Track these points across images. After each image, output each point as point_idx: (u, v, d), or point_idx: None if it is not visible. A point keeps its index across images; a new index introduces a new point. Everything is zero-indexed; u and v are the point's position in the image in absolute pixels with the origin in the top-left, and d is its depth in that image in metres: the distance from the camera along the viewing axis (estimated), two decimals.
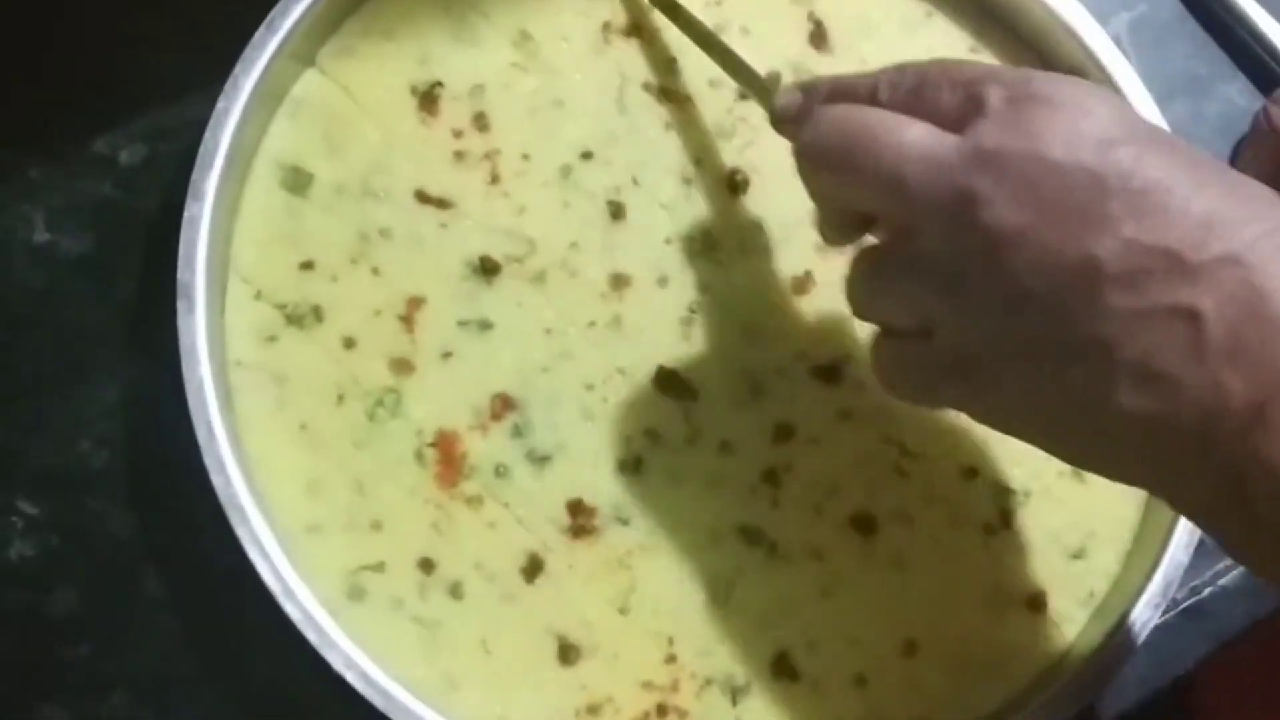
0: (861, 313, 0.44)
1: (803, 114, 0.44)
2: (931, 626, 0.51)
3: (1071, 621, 0.52)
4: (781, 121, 0.46)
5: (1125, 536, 0.53)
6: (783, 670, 0.50)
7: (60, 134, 0.53)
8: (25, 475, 0.50)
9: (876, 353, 0.44)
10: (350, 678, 0.46)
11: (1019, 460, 0.53)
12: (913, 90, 0.40)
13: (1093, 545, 0.53)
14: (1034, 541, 0.53)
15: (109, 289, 0.52)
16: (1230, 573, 0.54)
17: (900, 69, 0.42)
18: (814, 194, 0.44)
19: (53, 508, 0.50)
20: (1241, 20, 0.59)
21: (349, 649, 0.46)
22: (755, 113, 0.54)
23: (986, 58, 0.57)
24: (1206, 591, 0.55)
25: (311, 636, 0.46)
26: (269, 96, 0.51)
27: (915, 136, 0.39)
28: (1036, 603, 0.52)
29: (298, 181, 0.52)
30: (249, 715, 0.50)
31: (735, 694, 0.50)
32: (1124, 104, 0.40)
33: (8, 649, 0.49)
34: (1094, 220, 0.36)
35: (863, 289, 0.43)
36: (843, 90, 0.43)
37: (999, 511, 0.52)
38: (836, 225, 0.45)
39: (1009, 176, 0.36)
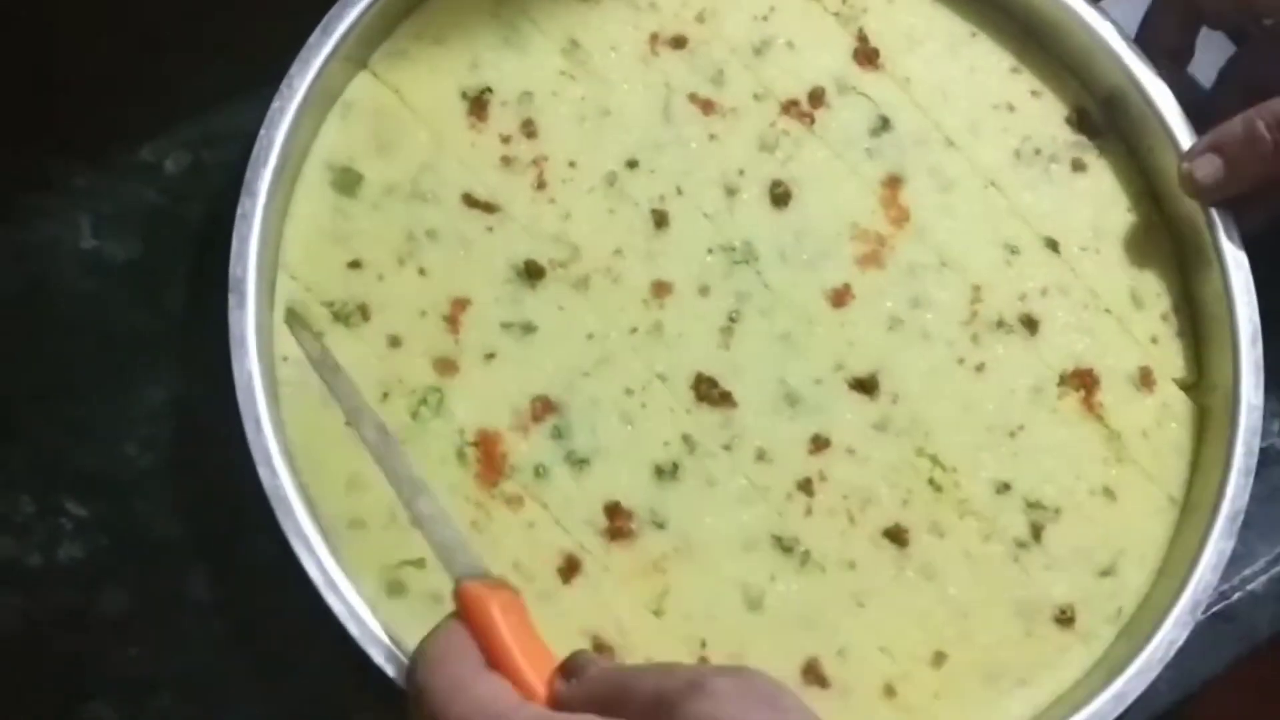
0: None
1: None
2: (961, 638, 0.52)
3: (1099, 638, 0.53)
4: None
5: (1154, 555, 0.54)
6: (812, 677, 0.51)
7: (106, 142, 0.54)
8: (73, 477, 0.51)
9: None
10: (391, 671, 0.46)
11: (1050, 477, 0.53)
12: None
13: (1122, 563, 0.53)
14: (1064, 558, 0.53)
15: (155, 294, 0.53)
16: (1259, 578, 0.55)
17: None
18: None
19: (101, 509, 0.51)
20: None
21: (390, 644, 0.47)
22: (797, 126, 0.55)
23: (1027, 78, 0.57)
24: (1235, 596, 0.55)
25: (353, 630, 0.47)
26: (322, 98, 0.52)
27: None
28: (1065, 618, 0.52)
29: (347, 182, 0.52)
30: (294, 713, 0.50)
31: None
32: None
33: (57, 648, 0.50)
34: None
35: None
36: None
37: (1030, 526, 0.53)
38: None
39: None
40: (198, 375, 0.51)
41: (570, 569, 0.50)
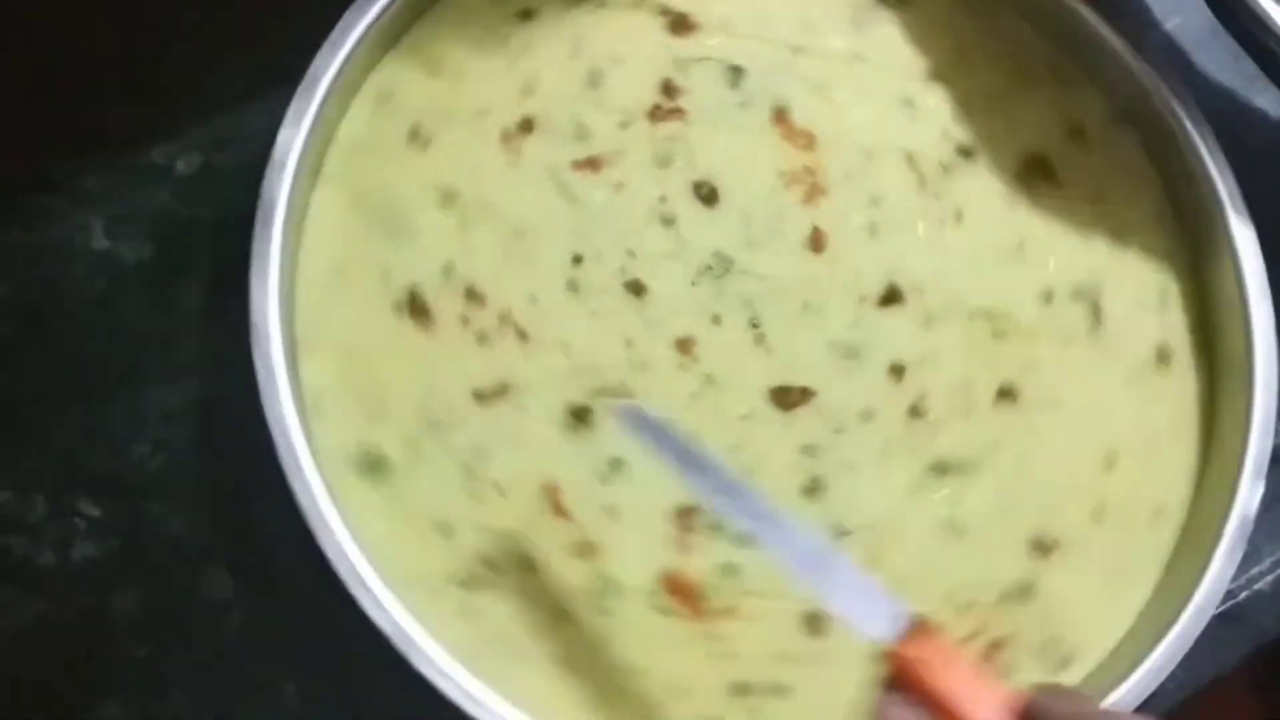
0: None
1: None
2: None
3: None
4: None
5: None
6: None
7: (118, 144, 0.54)
8: (86, 478, 0.51)
9: None
10: (431, 675, 0.46)
11: None
12: None
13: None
14: None
15: (167, 296, 0.53)
16: (1265, 578, 0.56)
17: None
18: None
19: (114, 510, 0.50)
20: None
21: (430, 648, 0.46)
22: (674, 125, 0.55)
23: None
24: (1243, 595, 0.56)
25: (383, 625, 0.46)
26: (347, 90, 0.52)
27: None
28: None
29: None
30: (308, 713, 0.50)
31: None
32: None
33: (70, 648, 0.49)
34: None
35: None
36: None
37: None
38: None
39: None
40: (210, 376, 0.51)
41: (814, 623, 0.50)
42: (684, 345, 0.53)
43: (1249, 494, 0.52)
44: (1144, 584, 0.53)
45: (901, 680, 0.39)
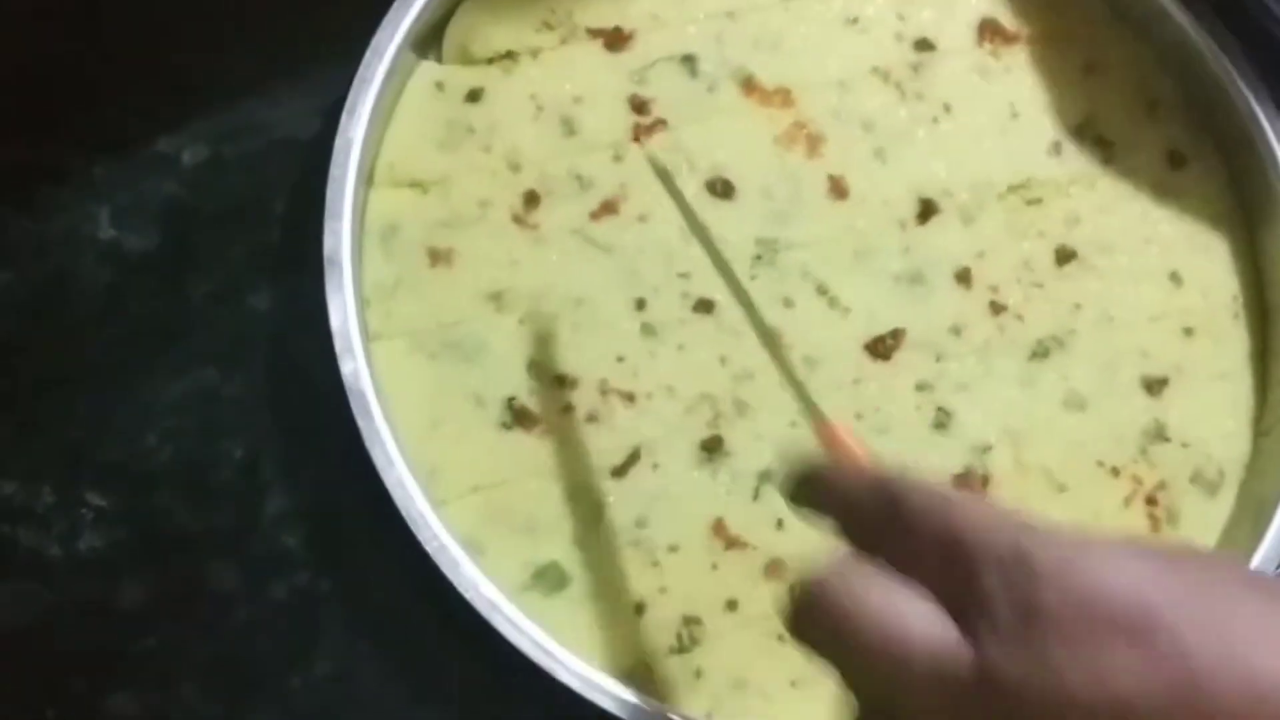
0: None
1: (800, 499, 0.39)
2: None
3: None
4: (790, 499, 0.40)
5: None
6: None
7: (124, 134, 0.54)
8: (94, 468, 0.50)
9: None
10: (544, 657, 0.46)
11: None
12: (899, 536, 0.33)
13: None
14: None
15: (174, 285, 0.52)
16: None
17: (888, 501, 0.34)
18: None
19: (121, 501, 0.50)
20: None
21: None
22: (655, 137, 0.55)
23: None
24: None
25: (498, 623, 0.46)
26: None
27: (917, 642, 0.31)
28: None
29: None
30: (316, 706, 0.50)
31: None
32: (1151, 588, 0.30)
33: (78, 640, 0.49)
34: None
35: None
36: (837, 500, 0.37)
37: None
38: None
39: None
40: (217, 366, 0.51)
41: None
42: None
43: None
44: (1245, 384, 0.56)
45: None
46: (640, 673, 0.49)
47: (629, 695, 0.47)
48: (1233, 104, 0.57)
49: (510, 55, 0.55)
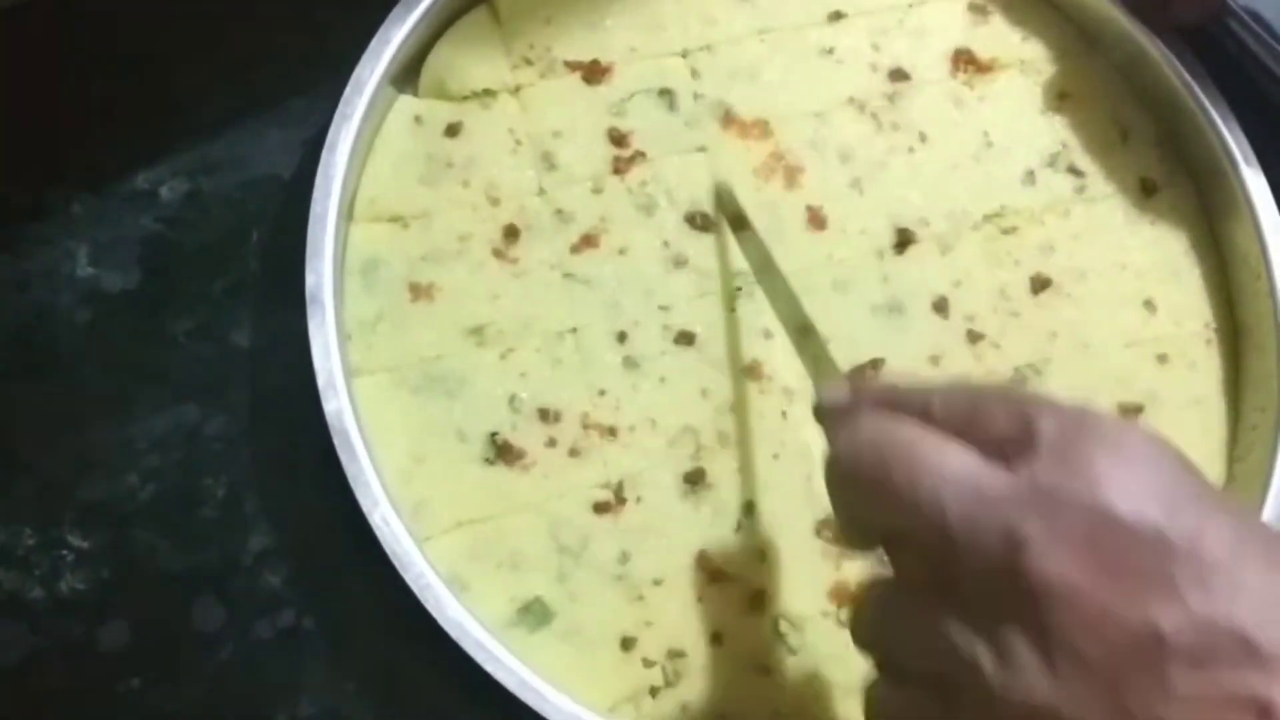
0: (868, 645, 0.38)
1: (845, 413, 0.40)
2: None
3: None
4: (822, 414, 0.43)
5: None
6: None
7: (102, 170, 0.53)
8: (75, 508, 0.50)
9: (873, 698, 0.38)
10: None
11: None
12: (965, 412, 0.36)
13: None
14: None
15: (153, 323, 0.52)
16: None
17: (954, 389, 0.38)
18: (837, 503, 0.39)
19: (103, 541, 0.50)
20: None
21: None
22: (631, 172, 0.56)
23: None
24: None
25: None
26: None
27: (960, 464, 0.35)
28: None
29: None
30: None
31: None
32: (1184, 459, 0.35)
33: (60, 681, 0.48)
34: (1157, 585, 0.32)
35: (877, 619, 0.38)
36: (892, 399, 0.39)
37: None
38: (858, 537, 0.40)
39: (1064, 522, 0.33)
40: (198, 403, 0.51)
41: None
42: (753, 371, 0.53)
43: None
44: (1218, 410, 0.56)
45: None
46: (626, 708, 0.49)
47: None
48: (1203, 133, 0.58)
49: (488, 91, 0.56)
